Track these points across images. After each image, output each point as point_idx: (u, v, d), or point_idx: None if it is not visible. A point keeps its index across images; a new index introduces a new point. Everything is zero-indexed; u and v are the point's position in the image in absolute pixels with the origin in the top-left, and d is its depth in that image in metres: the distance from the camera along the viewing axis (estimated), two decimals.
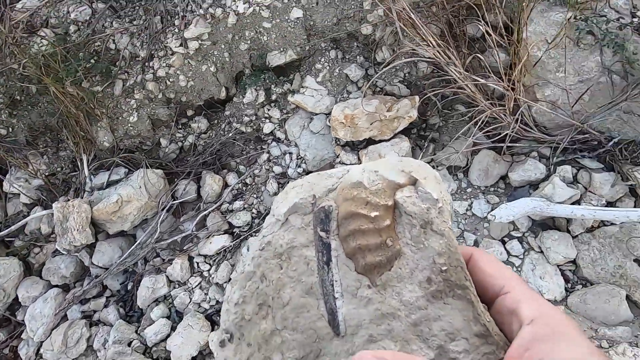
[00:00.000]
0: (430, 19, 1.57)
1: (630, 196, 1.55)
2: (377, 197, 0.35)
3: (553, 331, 0.32)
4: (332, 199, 0.37)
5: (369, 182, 0.36)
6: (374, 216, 0.35)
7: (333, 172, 0.39)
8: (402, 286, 0.34)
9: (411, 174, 0.36)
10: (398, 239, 0.35)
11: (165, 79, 1.92)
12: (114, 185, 1.94)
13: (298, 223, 0.38)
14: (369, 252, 0.34)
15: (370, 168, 0.37)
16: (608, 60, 1.44)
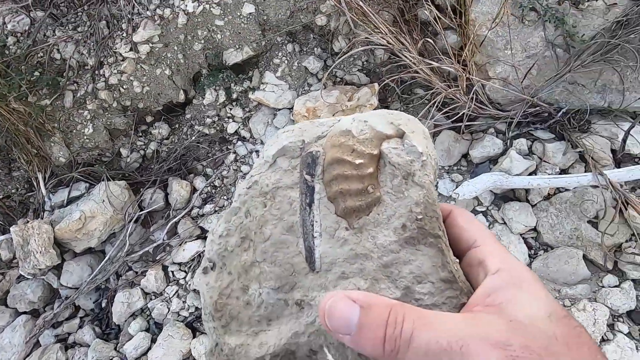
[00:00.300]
0: (382, 6, 1.58)
1: (580, 162, 1.63)
2: (364, 146, 0.37)
3: (515, 281, 0.34)
4: (320, 145, 0.39)
5: (358, 131, 0.38)
6: (358, 163, 0.36)
7: (324, 121, 0.41)
8: (377, 230, 0.36)
9: (399, 126, 0.38)
10: (379, 187, 0.37)
11: (119, 86, 1.84)
12: (75, 202, 1.84)
13: (285, 165, 0.40)
14: (350, 197, 0.36)
15: (360, 118, 0.38)
16: (551, 34, 1.50)
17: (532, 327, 0.30)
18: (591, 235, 1.57)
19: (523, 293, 0.33)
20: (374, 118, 0.38)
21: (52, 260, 1.72)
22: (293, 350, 0.37)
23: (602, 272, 1.56)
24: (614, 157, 1.58)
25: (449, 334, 0.29)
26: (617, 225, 1.53)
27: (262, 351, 0.38)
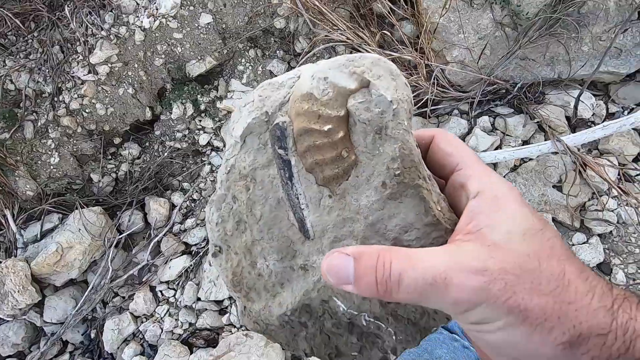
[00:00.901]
0: (337, 3, 1.60)
1: (539, 132, 1.71)
2: (329, 109, 0.34)
3: (494, 202, 0.33)
4: (285, 112, 0.36)
5: (319, 93, 0.34)
6: (327, 130, 0.34)
7: (283, 80, 0.37)
8: (359, 192, 0.36)
9: (364, 75, 0.34)
10: (353, 148, 0.35)
11: (81, 111, 1.77)
12: (49, 235, 1.76)
13: (256, 144, 0.38)
14: (326, 166, 0.35)
15: (320, 75, 0.35)
16: (498, 15, 1.56)
17: (507, 249, 0.31)
18: (557, 198, 1.65)
19: (501, 214, 0.33)
20: (334, 72, 0.34)
21: (32, 298, 1.63)
22: (308, 304, 0.39)
23: (571, 231, 1.64)
24: (568, 123, 1.66)
25: (432, 269, 0.31)
26: (579, 186, 1.62)
27: (283, 309, 0.40)
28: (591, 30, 1.57)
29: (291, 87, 0.37)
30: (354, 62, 0.34)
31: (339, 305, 0.38)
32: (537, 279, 0.30)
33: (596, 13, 1.56)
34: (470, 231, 0.33)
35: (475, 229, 0.33)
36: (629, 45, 1.59)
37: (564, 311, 0.29)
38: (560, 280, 0.30)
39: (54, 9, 1.78)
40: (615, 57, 1.60)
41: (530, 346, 0.30)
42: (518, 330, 0.30)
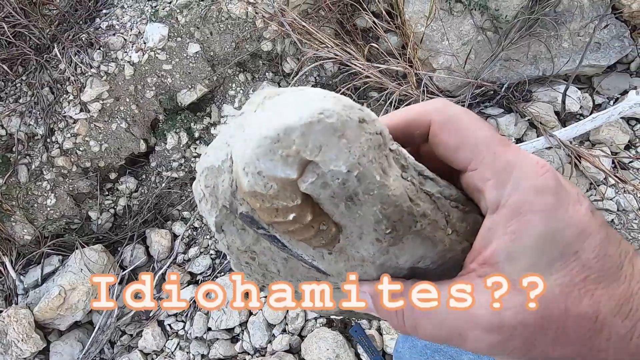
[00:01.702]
0: (322, 23, 1.61)
1: (531, 129, 1.72)
2: (282, 200, 0.28)
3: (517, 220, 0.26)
4: (242, 200, 0.31)
5: (262, 189, 0.28)
6: (292, 218, 0.29)
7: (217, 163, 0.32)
8: (356, 248, 0.32)
9: (300, 154, 0.26)
10: (330, 217, 0.30)
11: (75, 150, 1.74)
12: (50, 278, 1.70)
13: (234, 230, 0.34)
14: (312, 239, 0.32)
15: (252, 169, 0.28)
16: (478, 20, 1.59)
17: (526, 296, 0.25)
18: None
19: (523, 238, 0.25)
20: (266, 163, 0.27)
21: (36, 346, 1.56)
22: None
23: None
24: (558, 118, 1.68)
25: (445, 326, 0.28)
26: (576, 178, 1.62)
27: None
28: (569, 27, 1.60)
29: (230, 172, 0.31)
30: (281, 142, 0.26)
31: None
32: (562, 326, 0.25)
33: (572, 11, 1.60)
34: (486, 262, 0.27)
35: (492, 261, 0.27)
36: (607, 39, 1.63)
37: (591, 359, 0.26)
38: (592, 323, 0.25)
39: (42, 52, 1.77)
40: (595, 50, 1.63)
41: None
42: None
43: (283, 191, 0.28)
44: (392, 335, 1.43)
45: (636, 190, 1.55)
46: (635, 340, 0.25)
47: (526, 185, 0.26)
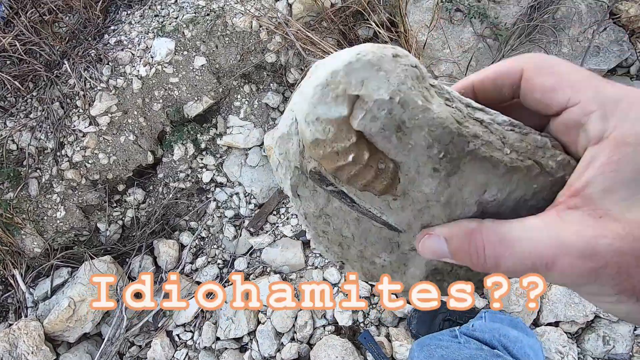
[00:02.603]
0: (324, 33, 1.63)
1: None
2: (340, 142, 0.31)
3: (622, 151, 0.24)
4: (310, 158, 0.34)
5: (322, 134, 0.31)
6: (352, 159, 0.32)
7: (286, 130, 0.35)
8: (417, 185, 0.33)
9: (348, 92, 0.29)
10: (386, 156, 0.32)
11: (84, 163, 1.75)
12: (60, 290, 1.69)
13: (307, 193, 0.38)
14: (374, 184, 0.34)
15: (311, 117, 0.31)
16: (478, 28, 1.61)
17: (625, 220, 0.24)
18: None
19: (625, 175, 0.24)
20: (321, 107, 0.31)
21: (46, 358, 1.55)
22: (435, 267, 0.38)
23: None
24: None
25: (531, 254, 0.26)
26: None
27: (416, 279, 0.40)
28: (568, 33, 1.61)
29: (297, 134, 0.35)
30: (329, 85, 0.30)
31: None
32: None
33: (570, 17, 1.61)
34: (578, 193, 0.26)
35: (587, 192, 0.25)
36: (606, 43, 1.64)
37: None
38: None
39: (52, 68, 1.80)
40: (595, 55, 1.63)
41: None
42: (630, 306, 0.26)
43: (339, 132, 0.31)
44: (401, 342, 1.41)
45: None
46: None
47: (635, 117, 0.24)
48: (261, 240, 1.72)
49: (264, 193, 1.81)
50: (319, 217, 0.38)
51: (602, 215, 0.24)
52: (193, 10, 1.73)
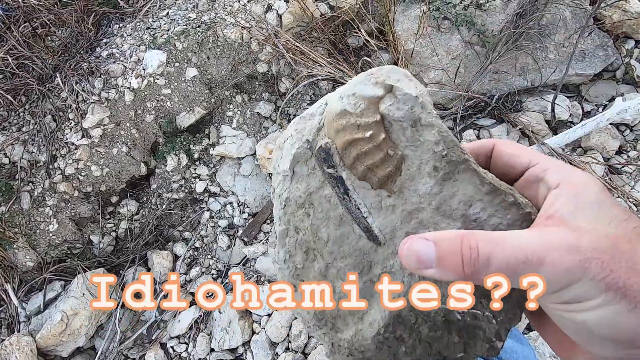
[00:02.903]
0: (315, 43, 1.64)
1: (523, 138, 1.74)
2: (365, 117, 0.36)
3: (576, 191, 0.32)
4: (324, 135, 0.38)
5: (352, 107, 0.36)
6: (369, 135, 0.36)
7: (312, 110, 0.40)
8: (415, 183, 0.37)
9: (385, 82, 0.36)
10: (397, 145, 0.36)
11: (77, 175, 1.75)
12: (53, 304, 1.67)
13: (305, 170, 0.39)
14: (378, 168, 0.36)
15: (347, 93, 0.37)
16: (466, 36, 1.63)
17: (595, 232, 0.30)
18: None
19: (584, 201, 0.32)
20: (359, 86, 0.37)
21: None
22: (398, 314, 0.38)
23: None
24: (549, 126, 1.69)
25: (523, 249, 0.30)
26: None
27: (375, 328, 0.39)
28: (553, 39, 1.63)
29: (322, 114, 0.39)
30: (373, 74, 0.37)
31: None
32: (631, 259, 0.29)
33: (555, 23, 1.63)
34: (552, 216, 0.32)
35: (559, 215, 0.32)
36: (591, 48, 1.66)
37: None
38: None
39: (44, 82, 1.80)
40: (580, 60, 1.65)
41: (631, 322, 0.29)
42: (617, 307, 0.29)
43: (367, 109, 0.36)
44: None
45: (627, 196, 1.54)
46: None
47: (583, 174, 0.34)
48: (255, 249, 1.71)
49: (257, 202, 1.81)
50: (301, 206, 0.39)
51: (576, 229, 0.30)
52: (184, 23, 1.74)
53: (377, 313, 0.38)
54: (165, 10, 1.80)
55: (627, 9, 1.61)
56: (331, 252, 0.38)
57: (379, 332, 0.38)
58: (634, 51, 1.70)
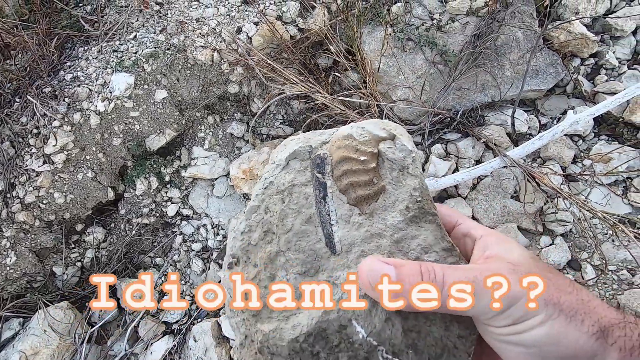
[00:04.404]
0: (285, 64, 1.65)
1: (487, 150, 1.80)
2: (365, 146, 0.42)
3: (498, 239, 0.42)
4: (326, 148, 0.44)
5: (358, 135, 0.43)
6: (362, 160, 0.41)
7: (324, 130, 0.46)
8: (386, 213, 0.40)
9: (391, 131, 0.43)
10: (382, 178, 0.42)
11: (38, 203, 1.63)
12: (10, 344, 1.52)
13: (298, 166, 0.44)
14: (359, 187, 0.40)
15: (358, 125, 0.44)
16: (429, 56, 1.69)
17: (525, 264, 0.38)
18: (517, 208, 1.70)
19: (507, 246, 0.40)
20: (369, 125, 0.44)
21: None
22: (324, 328, 0.38)
23: (537, 236, 1.67)
24: (510, 139, 1.77)
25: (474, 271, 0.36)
26: (533, 193, 1.68)
27: (296, 332, 0.38)
28: (509, 58, 1.73)
29: (331, 134, 0.45)
30: (384, 122, 0.45)
31: (359, 332, 0.38)
32: (557, 283, 0.35)
33: (509, 43, 1.73)
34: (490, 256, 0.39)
35: (495, 254, 0.39)
36: (543, 66, 1.77)
37: (586, 307, 0.34)
38: (573, 286, 0.36)
39: (2, 107, 1.70)
40: (534, 76, 1.75)
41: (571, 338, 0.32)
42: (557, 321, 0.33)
43: (369, 142, 0.42)
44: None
45: (581, 204, 1.62)
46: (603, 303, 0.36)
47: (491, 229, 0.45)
48: None
49: None
50: (280, 192, 0.43)
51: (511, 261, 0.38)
52: (153, 45, 1.71)
53: (305, 318, 0.38)
54: (133, 33, 1.76)
55: (572, 30, 1.74)
56: (288, 241, 0.41)
57: (298, 339, 0.38)
58: (580, 68, 1.82)
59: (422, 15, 1.72)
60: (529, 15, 1.74)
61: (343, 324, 0.38)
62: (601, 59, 1.81)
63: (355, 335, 0.37)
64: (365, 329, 0.37)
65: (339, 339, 0.38)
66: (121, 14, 1.81)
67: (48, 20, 1.81)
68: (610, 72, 1.81)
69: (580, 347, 0.32)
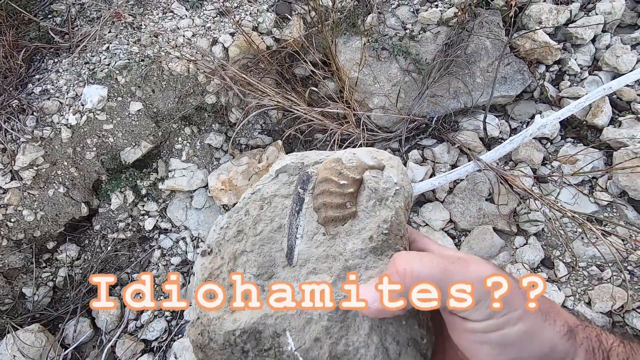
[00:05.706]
0: (262, 75, 1.64)
1: (462, 155, 1.84)
2: (349, 171, 0.43)
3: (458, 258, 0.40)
4: (316, 168, 0.46)
5: (346, 160, 0.45)
6: (342, 183, 0.42)
7: (323, 152, 0.48)
8: (349, 238, 0.41)
9: (381, 161, 0.45)
10: (356, 204, 0.42)
11: (5, 222, 1.55)
12: None
13: (285, 179, 0.46)
14: (331, 208, 0.41)
15: (352, 151, 0.46)
16: (403, 64, 1.72)
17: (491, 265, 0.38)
18: (492, 209, 1.73)
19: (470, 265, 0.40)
20: (362, 152, 0.45)
21: None
22: (260, 330, 0.39)
23: (511, 236, 1.71)
24: (483, 143, 1.81)
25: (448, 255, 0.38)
26: (507, 195, 1.72)
27: (234, 326, 0.40)
28: (479, 66, 1.78)
29: (327, 156, 0.47)
30: (377, 152, 0.46)
31: (289, 343, 0.38)
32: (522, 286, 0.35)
33: (478, 52, 1.78)
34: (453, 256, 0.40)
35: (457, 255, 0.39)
36: (511, 73, 1.83)
37: (555, 308, 0.35)
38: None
39: None
40: (503, 83, 1.81)
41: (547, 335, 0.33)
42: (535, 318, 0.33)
43: (355, 168, 0.43)
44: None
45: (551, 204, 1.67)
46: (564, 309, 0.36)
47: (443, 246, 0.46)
48: None
49: None
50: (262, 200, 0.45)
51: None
52: (126, 57, 1.67)
53: (246, 316, 0.40)
54: (105, 44, 1.71)
55: (536, 39, 1.81)
56: (254, 244, 0.42)
57: (235, 332, 0.39)
58: (545, 74, 1.90)
59: (396, 25, 1.76)
60: (496, 25, 1.81)
61: (278, 331, 0.39)
62: (564, 65, 1.89)
63: (285, 346, 0.38)
64: (296, 343, 0.38)
65: (270, 345, 0.39)
66: (93, 26, 1.76)
67: (15, 32, 1.74)
68: (573, 77, 1.89)
69: (554, 345, 0.32)
